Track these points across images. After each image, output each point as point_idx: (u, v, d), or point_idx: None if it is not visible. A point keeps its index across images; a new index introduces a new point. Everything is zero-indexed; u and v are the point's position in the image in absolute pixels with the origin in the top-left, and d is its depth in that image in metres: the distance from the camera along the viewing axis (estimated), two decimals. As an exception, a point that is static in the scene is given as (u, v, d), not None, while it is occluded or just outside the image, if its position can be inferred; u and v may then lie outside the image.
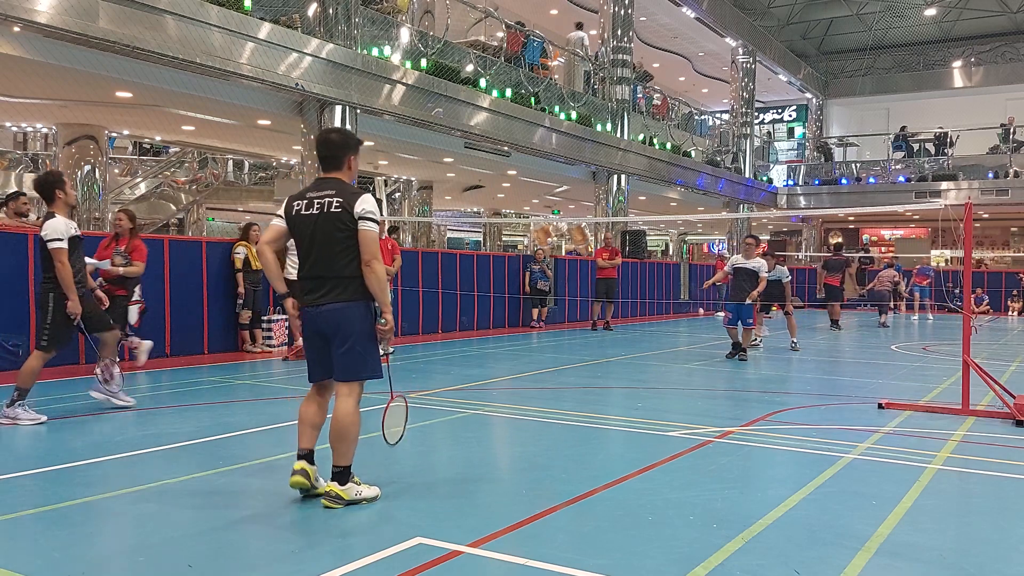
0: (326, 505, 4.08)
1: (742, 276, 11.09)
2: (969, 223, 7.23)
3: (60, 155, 15.21)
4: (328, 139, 4.29)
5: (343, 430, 4.13)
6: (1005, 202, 27.72)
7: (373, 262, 4.08)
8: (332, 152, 4.26)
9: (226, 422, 6.35)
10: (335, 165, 4.27)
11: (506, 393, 8.13)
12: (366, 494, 4.19)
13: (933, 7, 31.21)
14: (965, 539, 3.85)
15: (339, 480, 4.12)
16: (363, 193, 4.18)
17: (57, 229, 6.19)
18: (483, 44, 17.77)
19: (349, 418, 4.14)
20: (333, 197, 4.12)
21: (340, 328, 4.13)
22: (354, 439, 4.17)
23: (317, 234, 4.11)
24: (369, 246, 4.07)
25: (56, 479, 4.63)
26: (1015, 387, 7.79)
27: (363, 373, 4.21)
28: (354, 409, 4.18)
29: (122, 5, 9.84)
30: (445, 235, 35.87)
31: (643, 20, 25.72)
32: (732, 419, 6.74)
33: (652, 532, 3.79)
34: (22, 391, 6.18)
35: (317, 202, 4.15)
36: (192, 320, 10.71)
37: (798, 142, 37.48)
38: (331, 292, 4.12)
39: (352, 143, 4.30)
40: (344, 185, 4.21)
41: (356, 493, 4.15)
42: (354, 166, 4.32)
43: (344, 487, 4.11)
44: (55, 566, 3.30)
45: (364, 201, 4.11)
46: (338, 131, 4.37)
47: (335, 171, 4.26)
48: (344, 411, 4.15)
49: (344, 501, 4.09)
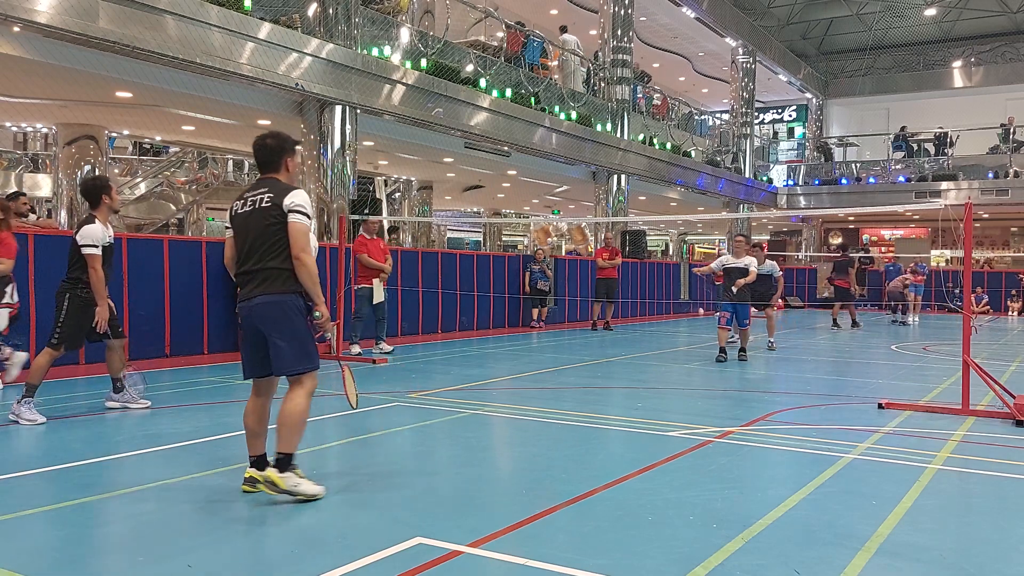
0: (262, 490, 4.13)
1: (734, 276, 10.86)
2: (969, 223, 7.23)
3: (60, 155, 15.22)
4: (264, 144, 4.36)
5: (289, 418, 4.17)
6: (1005, 202, 27.72)
7: (302, 255, 4.14)
8: (268, 157, 4.36)
9: (226, 422, 6.35)
10: (272, 168, 4.37)
11: (506, 393, 8.13)
12: (304, 488, 4.14)
13: (933, 7, 31.21)
14: (965, 539, 3.85)
15: (279, 467, 4.13)
16: (295, 189, 4.26)
17: (94, 235, 6.22)
18: (483, 44, 17.78)
19: (297, 407, 4.18)
20: (265, 193, 4.24)
21: (274, 321, 4.18)
22: (299, 428, 4.20)
23: (250, 229, 4.22)
24: (298, 239, 4.14)
25: (56, 479, 4.63)
26: (1015, 387, 7.80)
27: (301, 366, 4.23)
28: (304, 400, 4.22)
29: (122, 5, 9.84)
30: (445, 235, 35.87)
31: (643, 20, 25.72)
32: (732, 419, 6.74)
33: (652, 532, 3.79)
34: (31, 387, 6.20)
35: (251, 200, 4.27)
36: (192, 320, 10.70)
37: (798, 142, 37.48)
38: (261, 285, 4.18)
39: (287, 146, 4.39)
40: (278, 183, 4.30)
41: (294, 484, 4.11)
42: (291, 166, 4.42)
43: (283, 475, 4.11)
44: (55, 566, 3.30)
45: (294, 195, 4.19)
46: (273, 136, 4.40)
47: (272, 173, 4.37)
48: (293, 401, 4.20)
49: (279, 489, 4.09)
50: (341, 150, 13.33)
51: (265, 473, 4.15)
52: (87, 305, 6.32)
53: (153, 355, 10.18)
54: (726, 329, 10.99)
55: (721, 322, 11.09)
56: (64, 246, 9.43)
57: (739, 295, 10.86)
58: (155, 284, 10.32)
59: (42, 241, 9.31)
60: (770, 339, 12.82)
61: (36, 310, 9.18)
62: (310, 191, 13.49)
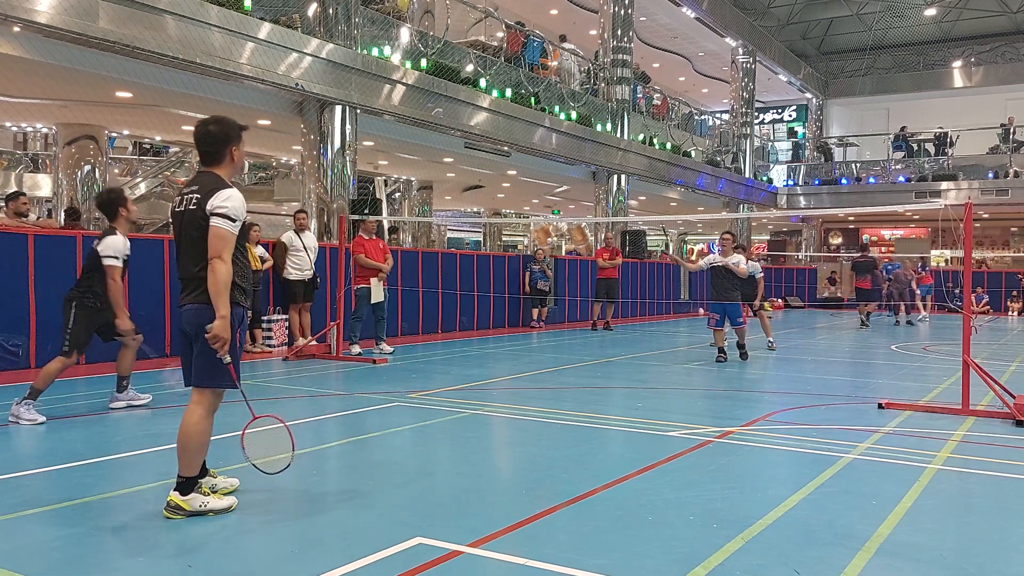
0: (166, 516, 3.90)
1: (720, 275, 10.75)
2: (969, 223, 7.23)
3: (60, 155, 15.22)
4: (207, 132, 4.00)
5: (186, 439, 3.95)
6: (1005, 202, 27.72)
7: (214, 260, 3.82)
8: (211, 146, 4.02)
9: (226, 422, 6.33)
10: (214, 159, 4.03)
11: (506, 393, 8.12)
12: (213, 505, 3.95)
13: (933, 7, 31.21)
14: (965, 539, 3.85)
15: (181, 490, 3.92)
16: (222, 188, 3.91)
17: (115, 247, 6.27)
18: (483, 44, 17.79)
19: (193, 428, 3.96)
20: (195, 194, 3.95)
21: (195, 330, 3.96)
22: (198, 449, 3.98)
23: (181, 233, 4.00)
24: (213, 243, 3.82)
25: (56, 479, 4.63)
26: (1015, 387, 7.80)
27: (206, 380, 4.02)
28: (200, 419, 3.99)
29: (122, 5, 9.84)
30: (445, 235, 35.87)
31: (643, 20, 25.73)
32: (732, 419, 6.74)
33: (652, 532, 3.79)
34: (35, 391, 6.21)
35: (184, 199, 4.00)
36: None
37: (798, 142, 37.48)
38: (191, 293, 3.98)
39: (233, 134, 4.03)
40: (211, 180, 3.97)
41: (201, 504, 3.92)
42: (237, 157, 4.07)
43: (186, 497, 3.91)
44: (55, 566, 3.30)
45: (218, 196, 3.86)
46: (216, 121, 4.03)
47: (214, 165, 4.03)
48: (189, 420, 3.98)
49: (185, 512, 3.88)
50: (341, 150, 13.33)
51: (170, 497, 3.93)
52: (94, 312, 6.38)
53: (153, 355, 10.18)
54: (719, 330, 10.98)
55: (711, 324, 11.08)
56: (64, 246, 9.48)
57: (728, 294, 10.77)
58: (155, 284, 10.32)
59: (42, 241, 9.30)
60: (769, 339, 12.79)
61: (36, 310, 9.18)
62: (310, 191, 13.50)
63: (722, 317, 10.91)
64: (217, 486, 4.29)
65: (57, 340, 9.28)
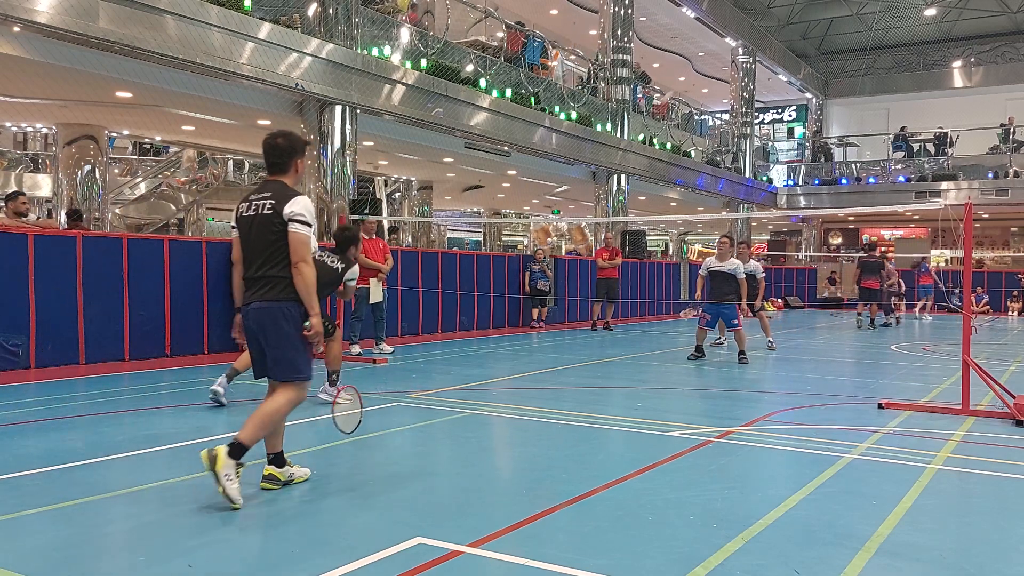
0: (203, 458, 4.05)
1: (718, 279, 10.82)
2: (969, 223, 7.23)
3: (60, 155, 15.22)
4: (275, 144, 4.32)
5: (262, 414, 4.21)
6: (1005, 202, 27.72)
7: (300, 264, 4.15)
8: (277, 158, 4.33)
9: (226, 422, 6.35)
10: (281, 169, 4.35)
11: (506, 393, 8.13)
12: (231, 488, 4.04)
13: (933, 7, 31.22)
14: (965, 539, 3.85)
15: (231, 452, 4.06)
16: (296, 195, 4.23)
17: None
18: (483, 44, 17.79)
19: (273, 407, 4.22)
20: (268, 199, 4.22)
21: (265, 328, 4.23)
22: (266, 426, 4.22)
23: (252, 235, 4.24)
24: (296, 248, 4.14)
25: (56, 479, 4.63)
26: (1015, 387, 7.80)
27: (290, 375, 4.27)
28: (284, 403, 4.26)
29: (122, 5, 9.84)
30: (445, 235, 35.87)
31: (643, 20, 25.74)
32: (732, 419, 6.74)
33: (652, 532, 3.79)
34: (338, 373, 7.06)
35: (255, 204, 4.26)
36: (192, 320, 10.70)
37: (798, 142, 37.49)
38: (258, 291, 4.23)
39: (298, 147, 4.36)
40: (282, 188, 4.27)
41: (227, 475, 4.04)
42: (300, 169, 4.42)
43: (229, 459, 4.05)
44: (55, 566, 3.30)
45: (294, 203, 4.17)
46: (284, 135, 4.36)
47: (279, 175, 4.34)
48: (274, 401, 4.25)
49: (211, 466, 4.01)
50: (341, 150, 13.33)
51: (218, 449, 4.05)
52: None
53: (153, 355, 10.19)
54: (704, 330, 11.11)
55: (701, 323, 11.15)
56: (64, 246, 9.48)
57: (724, 297, 10.79)
58: (155, 284, 10.32)
59: (42, 241, 9.31)
60: (768, 339, 12.78)
61: (36, 310, 9.18)
62: (310, 191, 13.49)
63: (714, 318, 10.96)
64: (294, 475, 4.51)
65: (57, 340, 9.32)
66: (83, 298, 9.57)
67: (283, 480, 4.45)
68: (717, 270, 10.84)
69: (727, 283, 10.80)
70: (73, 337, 9.50)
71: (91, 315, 9.59)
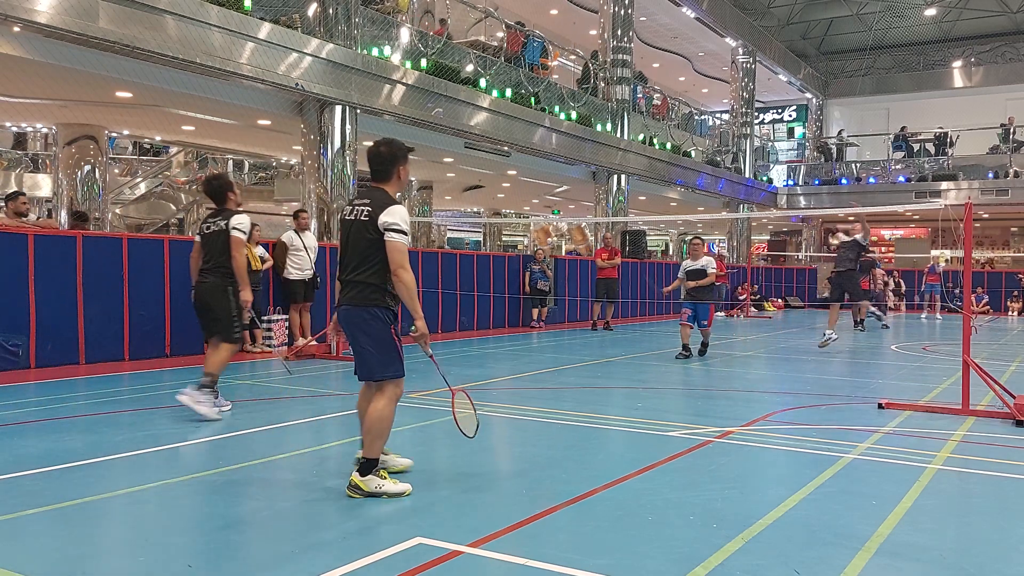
0: (348, 494, 4.24)
1: (694, 277, 11.39)
2: (969, 223, 7.23)
3: (60, 155, 15.22)
4: (378, 152, 4.47)
5: (369, 424, 4.33)
6: (1005, 202, 27.72)
7: (399, 271, 4.26)
8: (380, 165, 4.48)
9: (226, 422, 6.35)
10: (382, 176, 4.48)
11: (506, 393, 8.13)
12: (388, 489, 4.26)
13: (933, 7, 31.22)
14: (965, 539, 3.85)
15: (361, 471, 4.26)
16: (392, 205, 4.32)
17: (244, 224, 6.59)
18: (483, 44, 17.78)
19: (376, 414, 4.31)
20: (367, 206, 4.35)
21: (351, 329, 4.42)
22: (378, 434, 4.31)
23: (349, 239, 4.41)
24: (393, 256, 4.25)
25: (56, 479, 4.63)
26: (1015, 387, 7.79)
27: (377, 374, 4.39)
28: (383, 406, 4.34)
29: (122, 5, 9.84)
30: (445, 235, 35.88)
31: (643, 20, 25.74)
32: (732, 419, 6.74)
33: (652, 532, 3.79)
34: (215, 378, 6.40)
35: (356, 209, 4.41)
36: (192, 320, 10.64)
37: (798, 142, 37.49)
38: (347, 294, 4.40)
39: (400, 155, 4.48)
40: (381, 196, 4.39)
41: (377, 486, 4.24)
42: (403, 176, 4.52)
43: (364, 478, 4.24)
44: (55, 566, 3.30)
45: (389, 213, 4.27)
46: (387, 144, 4.50)
47: (382, 182, 4.48)
48: (374, 407, 4.35)
49: (363, 492, 4.21)
50: (341, 150, 13.33)
51: (352, 478, 4.28)
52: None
53: (153, 355, 10.19)
54: (688, 326, 11.37)
55: (683, 318, 11.47)
56: (64, 246, 9.48)
57: (699, 295, 11.38)
58: (155, 284, 10.32)
59: (42, 241, 9.31)
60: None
61: (36, 310, 9.18)
62: (310, 191, 13.50)
63: (692, 315, 11.39)
64: (388, 463, 4.64)
65: (57, 340, 9.32)
66: (83, 298, 9.57)
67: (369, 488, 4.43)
68: (692, 268, 11.47)
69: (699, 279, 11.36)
70: (73, 337, 9.50)
71: (91, 315, 9.59)
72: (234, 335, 6.57)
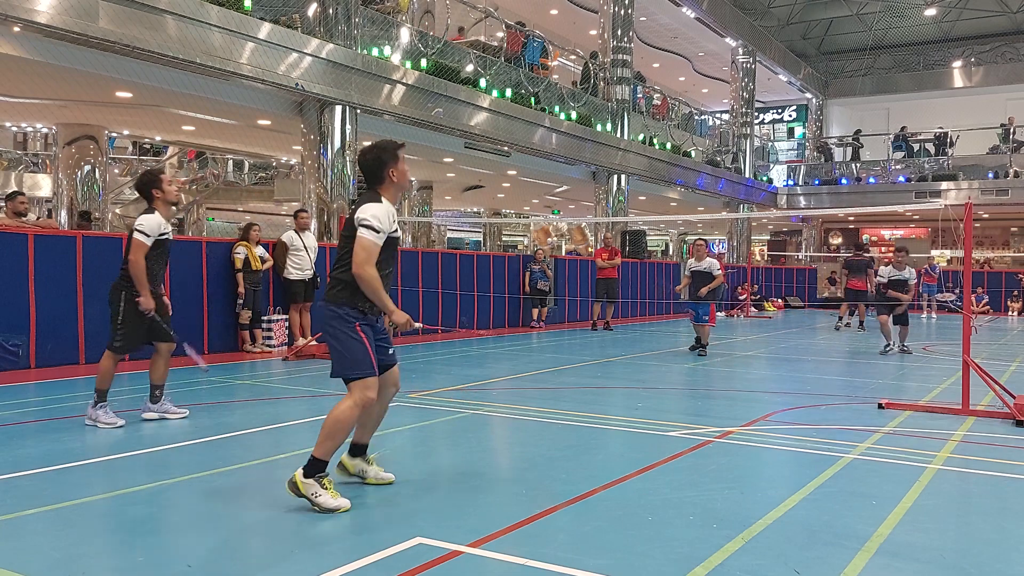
0: (287, 490, 4.09)
1: (699, 278, 11.83)
2: (969, 223, 7.23)
3: (60, 155, 15.22)
4: (363, 162, 4.40)
5: (326, 422, 4.14)
6: (1005, 202, 27.71)
7: (359, 270, 4.11)
8: (368, 172, 4.42)
9: (226, 422, 6.35)
10: (374, 182, 4.40)
11: (506, 393, 8.13)
12: (323, 501, 3.99)
13: (933, 7, 31.21)
14: (965, 539, 3.85)
15: (305, 471, 4.05)
16: (369, 202, 4.26)
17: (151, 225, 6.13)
18: (483, 44, 17.78)
19: (334, 413, 4.13)
20: (354, 205, 4.36)
21: (322, 326, 4.36)
22: (331, 435, 4.09)
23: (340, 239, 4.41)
24: (356, 251, 4.13)
25: (56, 479, 4.63)
26: (1015, 387, 7.80)
27: (339, 371, 4.23)
28: (345, 407, 4.13)
29: (122, 5, 9.84)
30: (445, 235, 35.88)
31: (643, 20, 25.74)
32: (732, 419, 6.74)
33: (652, 532, 3.79)
34: (101, 392, 6.08)
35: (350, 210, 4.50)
36: (192, 320, 10.70)
37: (798, 142, 37.48)
38: (328, 291, 4.32)
39: (387, 157, 4.36)
40: (367, 196, 4.36)
41: (314, 493, 4.00)
42: (398, 176, 4.39)
43: (305, 480, 4.02)
44: (55, 566, 3.30)
45: (363, 209, 4.22)
46: (372, 149, 4.40)
47: (376, 185, 4.40)
48: (336, 406, 4.18)
49: (298, 492, 4.03)
50: (341, 150, 13.33)
51: (294, 475, 4.08)
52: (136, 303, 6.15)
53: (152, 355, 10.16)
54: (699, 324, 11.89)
55: (692, 318, 12.14)
56: (64, 246, 9.48)
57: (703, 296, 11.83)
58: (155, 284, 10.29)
59: (42, 241, 9.31)
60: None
61: (36, 310, 9.18)
62: (310, 191, 13.50)
63: (696, 315, 11.93)
64: (368, 473, 4.52)
65: (57, 340, 9.32)
66: (83, 298, 9.56)
67: (352, 473, 4.51)
68: (696, 270, 11.89)
69: (705, 281, 11.73)
70: (73, 337, 9.50)
71: (91, 315, 9.59)
72: (115, 343, 6.16)
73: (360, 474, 4.53)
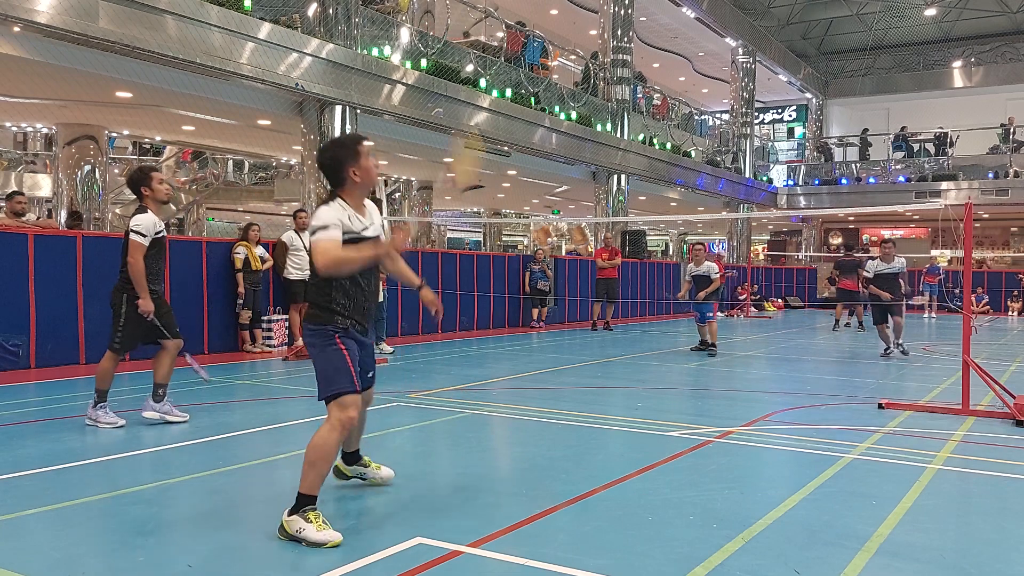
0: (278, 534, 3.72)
1: (699, 282, 12.25)
2: (969, 223, 7.23)
3: (60, 155, 15.22)
4: (321, 163, 4.07)
5: (307, 451, 3.77)
6: (1005, 202, 27.71)
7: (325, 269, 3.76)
8: (327, 174, 4.06)
9: (226, 422, 6.35)
10: (337, 183, 4.02)
11: (506, 393, 8.13)
12: (308, 535, 3.58)
13: (933, 7, 31.21)
14: (965, 539, 3.85)
15: (290, 510, 3.69)
16: (321, 207, 3.91)
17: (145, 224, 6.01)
18: (483, 44, 17.78)
19: (314, 440, 3.77)
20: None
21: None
22: (312, 463, 3.72)
23: None
24: (315, 259, 3.77)
25: (56, 479, 4.63)
26: (1015, 387, 7.80)
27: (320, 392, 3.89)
28: (323, 432, 3.77)
29: (122, 5, 9.84)
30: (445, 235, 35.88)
31: (643, 20, 25.74)
32: (732, 419, 6.74)
33: (652, 532, 3.79)
34: (101, 392, 6.06)
35: None
36: (192, 320, 10.70)
37: (798, 142, 37.48)
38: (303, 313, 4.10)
39: (344, 155, 3.97)
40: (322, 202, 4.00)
41: (298, 529, 3.60)
42: (359, 173, 3.97)
43: (290, 518, 3.65)
44: (55, 566, 3.30)
45: (313, 218, 3.87)
46: (327, 149, 4.05)
47: (339, 188, 4.02)
48: (316, 433, 3.81)
49: (285, 534, 3.64)
50: (341, 150, 13.31)
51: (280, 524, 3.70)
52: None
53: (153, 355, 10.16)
54: (702, 325, 12.26)
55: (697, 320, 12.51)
56: (64, 246, 9.48)
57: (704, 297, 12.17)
58: (155, 284, 10.30)
59: (42, 241, 9.31)
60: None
61: (36, 310, 9.18)
62: (310, 191, 13.50)
63: (700, 316, 12.28)
64: (367, 474, 4.47)
65: (57, 340, 9.32)
66: (83, 298, 9.57)
67: (350, 476, 4.49)
68: (696, 274, 12.29)
69: (704, 285, 12.15)
70: (73, 337, 9.50)
71: (91, 315, 9.59)
72: (114, 344, 6.11)
73: (359, 475, 4.51)
